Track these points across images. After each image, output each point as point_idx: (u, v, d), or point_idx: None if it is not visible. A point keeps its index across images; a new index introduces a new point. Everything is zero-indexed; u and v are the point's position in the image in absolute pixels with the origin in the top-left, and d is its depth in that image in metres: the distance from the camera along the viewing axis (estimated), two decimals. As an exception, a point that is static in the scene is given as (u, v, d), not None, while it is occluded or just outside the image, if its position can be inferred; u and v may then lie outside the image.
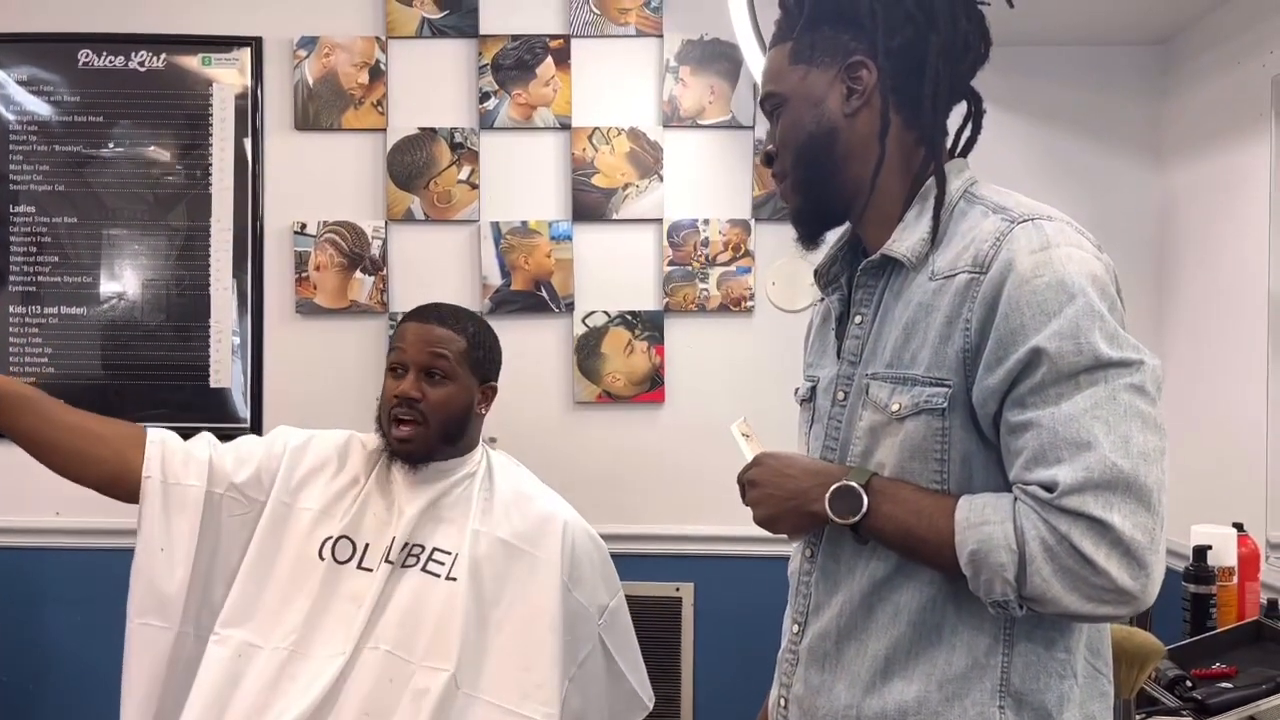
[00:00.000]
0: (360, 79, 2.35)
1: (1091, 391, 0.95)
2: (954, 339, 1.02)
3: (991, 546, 0.96)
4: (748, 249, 2.35)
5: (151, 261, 2.37)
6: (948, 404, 1.03)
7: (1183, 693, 1.56)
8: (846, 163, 1.13)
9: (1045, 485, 0.94)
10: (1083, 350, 0.95)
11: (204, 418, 2.36)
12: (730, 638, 2.32)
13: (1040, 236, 1.01)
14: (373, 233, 2.35)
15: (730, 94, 2.35)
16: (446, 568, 1.64)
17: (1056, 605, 0.94)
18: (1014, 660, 1.03)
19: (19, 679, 2.37)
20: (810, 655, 1.14)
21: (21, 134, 2.35)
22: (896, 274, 1.11)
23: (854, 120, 1.11)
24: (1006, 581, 0.95)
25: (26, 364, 2.36)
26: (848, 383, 1.15)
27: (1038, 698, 1.03)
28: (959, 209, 1.09)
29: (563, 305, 2.36)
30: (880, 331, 1.11)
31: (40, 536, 2.37)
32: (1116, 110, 2.34)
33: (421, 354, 1.71)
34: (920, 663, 1.06)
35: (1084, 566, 0.92)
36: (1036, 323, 0.97)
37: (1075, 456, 0.93)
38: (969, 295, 1.02)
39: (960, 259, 1.04)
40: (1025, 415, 0.97)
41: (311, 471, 1.73)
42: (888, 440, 1.07)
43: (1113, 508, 0.92)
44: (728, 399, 2.35)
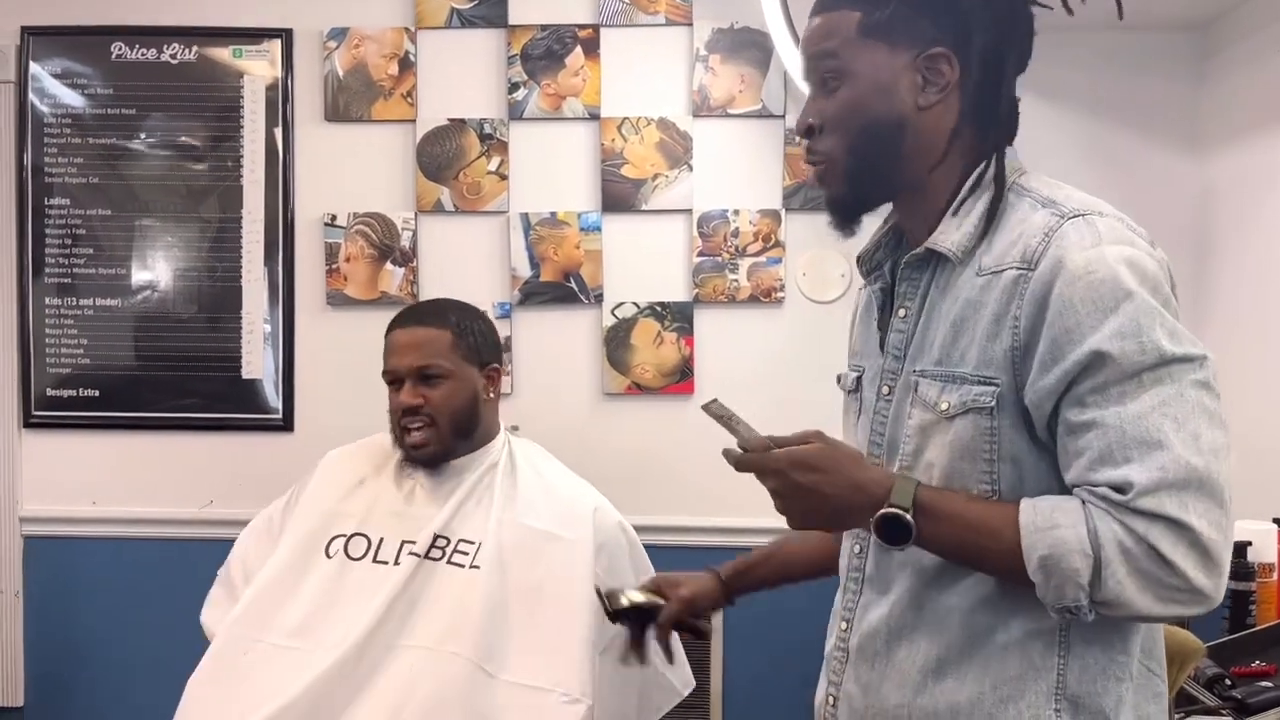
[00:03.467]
0: (390, 70, 2.35)
1: (1158, 390, 0.92)
2: (1002, 337, 0.99)
3: (1065, 551, 0.93)
4: (778, 239, 2.33)
5: (184, 253, 2.39)
6: (996, 403, 1.00)
7: (1222, 691, 1.53)
8: (908, 158, 1.07)
9: (1116, 486, 0.92)
10: (1146, 349, 0.93)
11: (236, 408, 2.38)
12: (759, 630, 2.31)
13: (1092, 233, 0.97)
14: (402, 224, 2.36)
15: (761, 83, 2.33)
16: (470, 557, 1.64)
17: (1129, 608, 0.92)
18: (1070, 662, 1.01)
19: (56, 667, 2.41)
20: (860, 653, 1.12)
21: (56, 127, 2.38)
22: (942, 268, 1.07)
23: (925, 115, 1.05)
24: (1080, 586, 0.92)
25: (62, 355, 2.39)
26: (893, 378, 1.11)
27: (1096, 701, 1.01)
28: (1007, 201, 1.05)
29: (592, 296, 2.35)
30: (927, 327, 1.08)
31: (76, 525, 2.40)
32: (1153, 97, 2.30)
33: (409, 360, 1.73)
34: (973, 663, 1.03)
35: (1162, 568, 0.90)
36: (1093, 320, 0.94)
37: (1147, 456, 0.91)
38: (1017, 292, 0.98)
39: (1008, 254, 1.01)
40: (1087, 414, 0.94)
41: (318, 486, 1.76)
42: (937, 439, 1.04)
43: (1188, 508, 0.89)
44: (758, 390, 2.34)
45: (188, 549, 2.33)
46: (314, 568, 1.66)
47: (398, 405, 1.73)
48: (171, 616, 2.18)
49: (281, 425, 2.38)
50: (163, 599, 2.30)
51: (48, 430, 2.40)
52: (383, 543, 1.66)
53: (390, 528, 1.68)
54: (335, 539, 1.68)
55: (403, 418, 1.72)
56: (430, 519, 1.68)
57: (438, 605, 1.60)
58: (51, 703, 2.41)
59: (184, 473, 2.39)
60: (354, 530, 1.68)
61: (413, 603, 1.61)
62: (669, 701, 1.83)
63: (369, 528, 1.68)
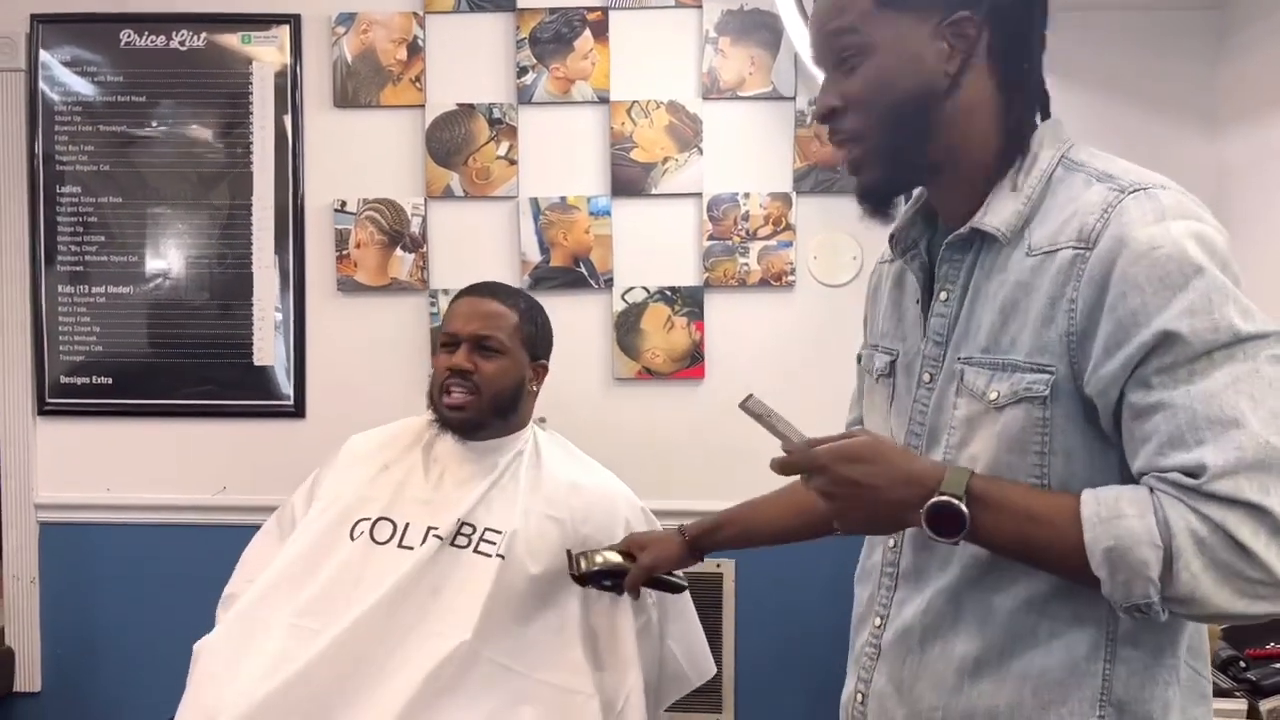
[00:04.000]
0: (398, 55, 2.35)
1: (1231, 367, 0.86)
2: (1057, 321, 0.93)
3: (1132, 542, 0.86)
4: (789, 222, 2.32)
5: (195, 240, 2.39)
6: (1050, 392, 0.94)
7: (1236, 673, 1.53)
8: (941, 130, 1.01)
9: (1188, 470, 0.85)
10: (1219, 327, 0.87)
11: (248, 395, 2.39)
12: (771, 614, 2.31)
13: (1155, 207, 0.91)
14: (412, 210, 2.35)
15: (771, 64, 2.31)
16: (497, 547, 1.64)
17: (1205, 605, 0.85)
18: (1116, 667, 0.95)
19: (72, 652, 2.42)
20: (893, 650, 1.07)
21: (66, 115, 2.38)
22: (987, 249, 1.01)
23: (955, 83, 0.99)
24: (1150, 580, 0.85)
25: (76, 343, 2.40)
26: (934, 365, 1.05)
27: (1143, 707, 0.95)
28: (1056, 176, 0.99)
29: (602, 281, 2.34)
30: (973, 311, 1.01)
31: (91, 512, 2.41)
32: (1170, 76, 2.27)
33: (473, 327, 1.74)
34: (1014, 666, 0.98)
35: (1241, 558, 0.83)
36: (1160, 299, 0.88)
37: (1222, 435, 0.84)
38: (1074, 273, 0.92)
39: (1062, 233, 0.95)
40: (1154, 396, 0.88)
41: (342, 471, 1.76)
42: (984, 430, 0.98)
43: (1270, 491, 0.83)
44: (769, 374, 2.33)
45: (202, 534, 2.35)
46: (337, 550, 1.65)
47: (448, 365, 1.72)
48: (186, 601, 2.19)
49: (293, 412, 2.39)
50: (178, 584, 2.32)
51: (62, 417, 2.42)
52: (409, 528, 1.66)
53: (416, 513, 1.68)
54: (360, 522, 1.67)
55: (449, 378, 1.72)
56: (456, 504, 1.68)
57: (462, 594, 1.60)
58: (68, 688, 2.43)
59: (197, 459, 2.40)
60: (379, 515, 1.68)
61: (436, 589, 1.60)
62: (681, 691, 1.83)
63: (394, 512, 1.68)
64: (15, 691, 2.42)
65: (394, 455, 1.78)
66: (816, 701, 2.10)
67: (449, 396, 1.71)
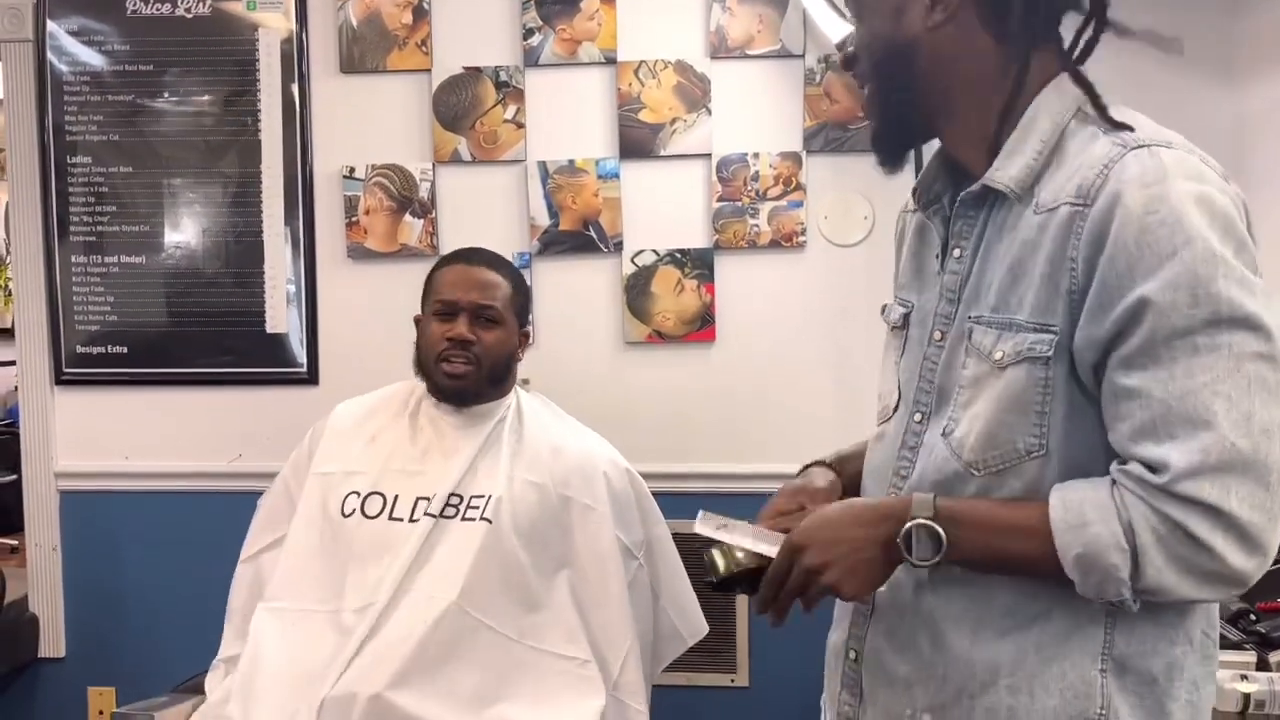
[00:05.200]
0: (404, 19, 2.33)
1: (1212, 360, 0.86)
2: (1060, 280, 0.93)
3: (1100, 548, 0.88)
4: (799, 182, 2.30)
5: (206, 209, 2.39)
6: (1053, 352, 0.93)
7: (1246, 626, 1.53)
8: (930, 79, 1.02)
9: (1152, 465, 0.87)
10: (1199, 302, 0.86)
11: (262, 362, 2.40)
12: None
13: (1156, 166, 0.89)
14: (420, 175, 2.35)
15: (779, 22, 2.28)
16: (480, 510, 1.65)
17: (1171, 594, 0.88)
18: (1118, 624, 0.96)
19: (95, 617, 2.47)
20: (889, 606, 1.07)
21: (75, 85, 2.38)
22: (999, 205, 1.01)
23: (937, 33, 1.00)
24: (1121, 580, 0.88)
25: (91, 313, 2.42)
26: (946, 322, 1.05)
27: (1143, 664, 0.96)
28: (1070, 129, 0.98)
29: (611, 245, 2.34)
30: (984, 269, 1.01)
31: (111, 480, 2.44)
32: (1186, 25, 2.21)
33: (473, 297, 1.73)
34: (1016, 620, 0.99)
35: (1198, 553, 0.86)
36: (1146, 266, 0.87)
37: (1190, 436, 0.85)
38: (1073, 230, 0.91)
39: (1064, 189, 0.93)
40: (1133, 379, 0.88)
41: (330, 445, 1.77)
42: (988, 391, 0.98)
43: (1230, 491, 0.85)
44: (780, 336, 2.32)
45: (219, 501, 2.37)
46: (332, 530, 1.68)
47: (448, 334, 1.71)
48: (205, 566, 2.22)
49: (307, 379, 2.40)
50: (196, 549, 2.35)
51: (79, 387, 2.44)
52: (398, 499, 1.67)
53: (404, 485, 1.69)
54: (349, 496, 1.69)
55: (449, 348, 1.71)
56: (444, 475, 1.69)
57: (451, 558, 1.62)
58: (92, 652, 2.47)
59: (213, 427, 2.42)
60: (369, 489, 1.69)
61: (427, 558, 1.62)
62: (676, 651, 1.85)
63: (383, 485, 1.69)
64: (41, 657, 2.47)
65: (381, 424, 1.79)
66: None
67: (448, 365, 1.71)
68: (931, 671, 1.02)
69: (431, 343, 1.74)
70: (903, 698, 1.05)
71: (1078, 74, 1.01)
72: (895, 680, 1.06)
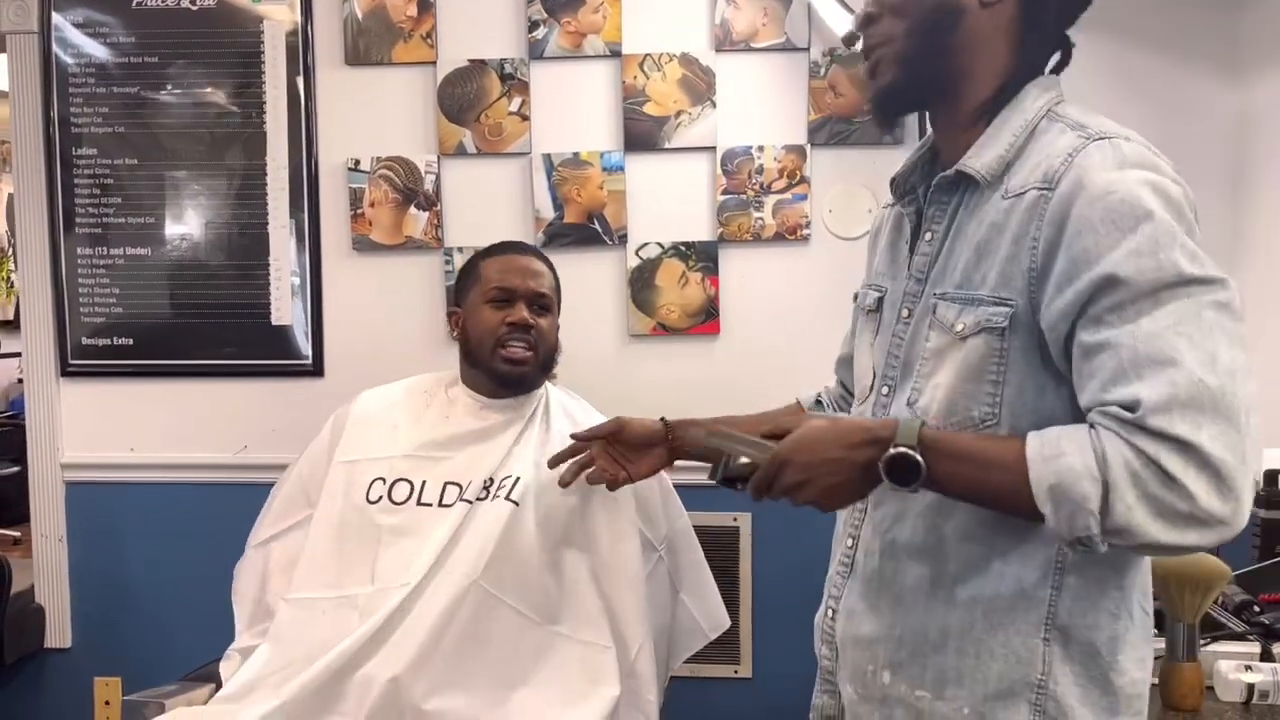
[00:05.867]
0: (409, 11, 2.33)
1: (1175, 306, 0.90)
2: (1020, 258, 0.99)
3: (1073, 478, 0.90)
4: (803, 175, 2.31)
5: (211, 201, 2.40)
6: (1008, 324, 0.99)
7: (1249, 618, 1.54)
8: (960, 51, 1.08)
9: (1126, 405, 0.89)
10: (1163, 267, 0.90)
11: (267, 354, 2.41)
12: (787, 566, 2.33)
13: (1116, 155, 0.96)
14: (425, 167, 2.35)
15: (784, 16, 2.28)
16: (508, 491, 1.66)
17: (1139, 536, 0.88)
18: (1063, 594, 1.02)
19: (101, 608, 2.47)
20: (860, 571, 1.15)
21: (81, 77, 2.38)
22: (971, 191, 1.07)
23: (988, 10, 1.06)
24: (1090, 513, 0.89)
25: (96, 305, 2.42)
26: (913, 300, 1.12)
27: (1086, 635, 1.01)
28: (1040, 127, 1.05)
29: (616, 237, 2.34)
30: (952, 250, 1.08)
31: (116, 471, 2.45)
32: (1190, 21, 2.23)
33: (531, 284, 1.77)
34: (966, 588, 1.05)
35: (1170, 490, 0.87)
36: (1110, 240, 0.92)
37: (1159, 373, 0.88)
38: (1036, 213, 0.98)
39: (1032, 176, 1.00)
40: (1101, 335, 0.92)
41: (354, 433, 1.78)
42: (949, 361, 1.04)
43: (1200, 427, 0.87)
44: (784, 329, 2.33)
45: (224, 492, 2.38)
46: (358, 517, 1.68)
47: (509, 319, 1.73)
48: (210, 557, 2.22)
49: (312, 370, 2.41)
50: (202, 541, 2.36)
51: (85, 379, 2.45)
52: (425, 485, 1.68)
53: (432, 470, 1.69)
54: (374, 483, 1.69)
55: (509, 333, 1.72)
56: (479, 461, 1.69)
57: (477, 539, 1.62)
58: (98, 642, 2.48)
59: (218, 419, 2.43)
60: (396, 476, 1.70)
61: (455, 539, 1.63)
62: (698, 644, 1.85)
63: (410, 472, 1.70)
64: (47, 647, 2.48)
65: (405, 414, 1.79)
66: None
67: (510, 350, 1.72)
68: (890, 632, 1.10)
69: (490, 329, 1.74)
70: (866, 654, 1.12)
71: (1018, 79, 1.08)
72: (861, 639, 1.13)
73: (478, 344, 1.75)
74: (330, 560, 1.65)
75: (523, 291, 1.75)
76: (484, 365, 1.75)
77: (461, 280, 1.87)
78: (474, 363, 1.77)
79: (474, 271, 1.82)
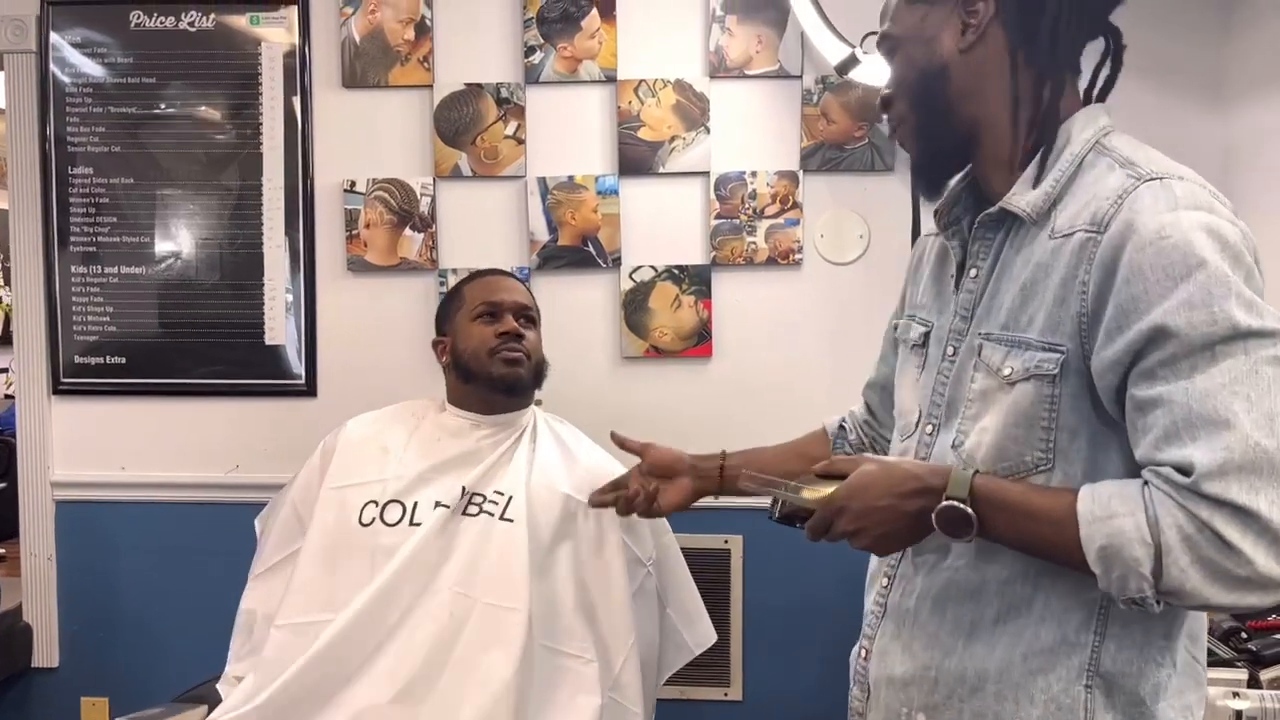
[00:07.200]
0: (406, 35, 2.35)
1: (1230, 364, 0.87)
2: (1069, 302, 0.96)
3: (1124, 541, 0.89)
4: (796, 201, 2.33)
5: (206, 221, 2.40)
6: (1059, 370, 0.97)
7: (1238, 644, 1.55)
8: (961, 102, 1.07)
9: (1180, 468, 0.87)
10: (1217, 320, 0.87)
11: (260, 374, 2.41)
12: (779, 589, 2.34)
13: (1168, 197, 0.93)
14: (421, 189, 2.37)
15: (778, 43, 2.31)
16: (501, 507, 1.66)
17: (1196, 598, 0.87)
18: (1106, 641, 0.99)
19: (89, 627, 2.46)
20: (896, 610, 1.12)
21: (77, 96, 2.39)
22: (1017, 229, 1.05)
23: (968, 56, 1.05)
24: (1142, 577, 0.88)
25: (89, 323, 2.42)
26: (958, 339, 1.09)
27: (1131, 684, 0.98)
28: (1087, 161, 1.02)
29: (609, 260, 2.36)
30: (997, 289, 1.05)
31: (107, 490, 2.44)
32: (1176, 51, 2.27)
33: (516, 297, 1.84)
34: (1006, 632, 1.02)
35: (1228, 557, 0.85)
36: (1161, 289, 0.89)
37: (1213, 435, 0.86)
38: (1085, 256, 0.95)
39: (1080, 216, 0.97)
40: (1154, 390, 0.90)
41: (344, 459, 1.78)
42: (996, 405, 1.01)
43: (1259, 492, 0.84)
44: (776, 351, 2.35)
45: (216, 512, 2.38)
46: (350, 540, 1.68)
47: (501, 330, 1.79)
48: (201, 578, 2.23)
49: (305, 391, 2.41)
50: (192, 560, 2.35)
51: (76, 397, 2.44)
52: (417, 506, 1.68)
53: (422, 491, 1.70)
54: (367, 506, 1.70)
55: (504, 340, 1.79)
56: (462, 478, 1.71)
57: (480, 555, 1.63)
58: (86, 663, 2.46)
59: (210, 438, 2.42)
60: (388, 498, 1.70)
61: (444, 552, 1.63)
62: (683, 660, 1.86)
63: (401, 494, 1.70)
64: (34, 667, 2.46)
65: (394, 437, 1.80)
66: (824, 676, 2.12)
67: (507, 353, 1.76)
68: (926, 674, 1.07)
69: (482, 341, 1.80)
70: (900, 696, 1.10)
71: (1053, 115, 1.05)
72: (894, 679, 1.11)
73: (472, 357, 1.79)
74: (322, 584, 1.65)
75: (508, 304, 1.83)
76: (482, 375, 1.78)
77: (444, 309, 1.93)
78: (469, 377, 1.79)
79: (457, 297, 1.90)
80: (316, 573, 1.66)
